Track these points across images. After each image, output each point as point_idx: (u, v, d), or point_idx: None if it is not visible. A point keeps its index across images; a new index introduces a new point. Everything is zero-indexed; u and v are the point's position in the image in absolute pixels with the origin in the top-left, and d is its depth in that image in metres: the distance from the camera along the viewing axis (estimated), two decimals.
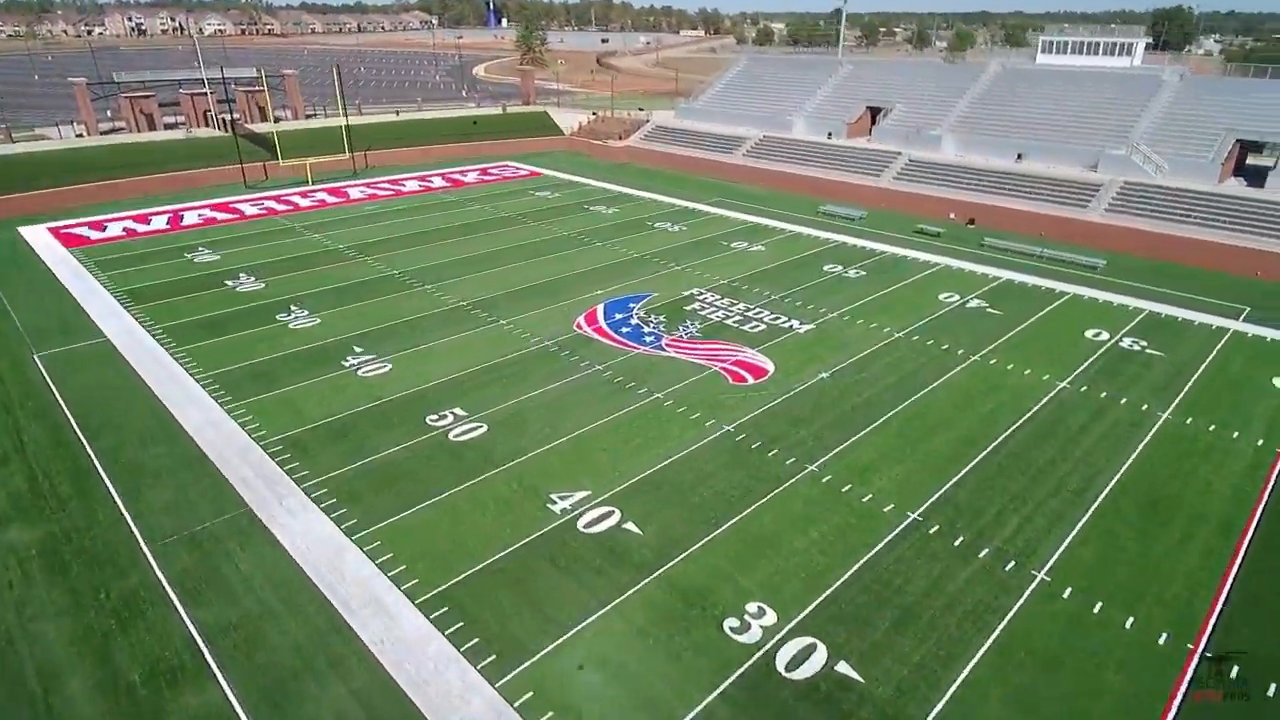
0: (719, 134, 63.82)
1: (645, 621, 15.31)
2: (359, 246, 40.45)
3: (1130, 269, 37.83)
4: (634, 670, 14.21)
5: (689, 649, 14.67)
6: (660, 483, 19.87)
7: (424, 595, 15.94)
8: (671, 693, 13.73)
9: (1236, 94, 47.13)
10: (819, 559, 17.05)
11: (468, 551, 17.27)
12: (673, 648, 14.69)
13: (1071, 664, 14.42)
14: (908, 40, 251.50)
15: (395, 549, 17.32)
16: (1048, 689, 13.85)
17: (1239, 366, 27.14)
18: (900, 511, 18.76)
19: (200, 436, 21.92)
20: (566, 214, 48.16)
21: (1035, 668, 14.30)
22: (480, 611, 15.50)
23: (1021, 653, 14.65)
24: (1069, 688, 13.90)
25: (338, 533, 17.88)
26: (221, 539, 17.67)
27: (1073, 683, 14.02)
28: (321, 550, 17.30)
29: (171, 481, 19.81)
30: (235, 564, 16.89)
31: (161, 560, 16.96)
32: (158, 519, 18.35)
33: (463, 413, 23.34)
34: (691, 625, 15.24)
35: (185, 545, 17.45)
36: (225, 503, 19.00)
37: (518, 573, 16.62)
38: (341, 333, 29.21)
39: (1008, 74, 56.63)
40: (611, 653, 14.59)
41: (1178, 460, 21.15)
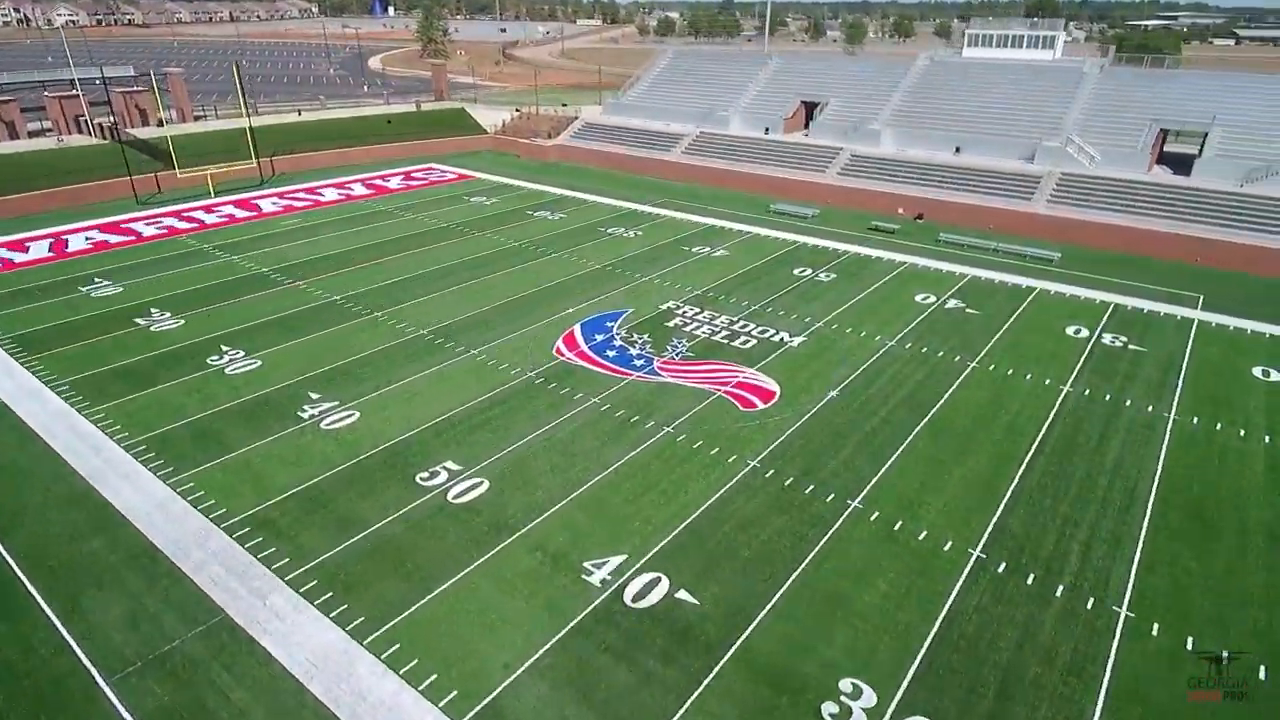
0: (653, 131, 61.98)
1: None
2: (286, 269, 36.21)
3: (1083, 260, 38.72)
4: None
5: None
6: (700, 537, 17.96)
7: (469, 713, 13.45)
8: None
9: (1155, 85, 49.37)
10: (898, 616, 15.63)
11: (507, 646, 14.84)
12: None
13: (1191, 716, 13.59)
14: (804, 31, 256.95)
15: (418, 652, 14.68)
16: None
17: (1216, 359, 27.80)
18: (960, 549, 17.63)
19: (144, 522, 18.28)
20: (510, 221, 45.14)
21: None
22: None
23: (1138, 709, 13.71)
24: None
25: (343, 637, 15.02)
26: (200, 661, 14.47)
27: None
28: (329, 663, 14.43)
29: (119, 588, 16.26)
30: (224, 694, 13.81)
31: (128, 699, 13.66)
32: (112, 641, 14.90)
33: (456, 466, 20.61)
34: (787, 719, 13.48)
35: (155, 674, 14.17)
36: (194, 610, 15.71)
37: (573, 670, 14.35)
38: (289, 376, 25.59)
39: (936, 67, 57.51)
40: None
41: (1201, 466, 21.08)
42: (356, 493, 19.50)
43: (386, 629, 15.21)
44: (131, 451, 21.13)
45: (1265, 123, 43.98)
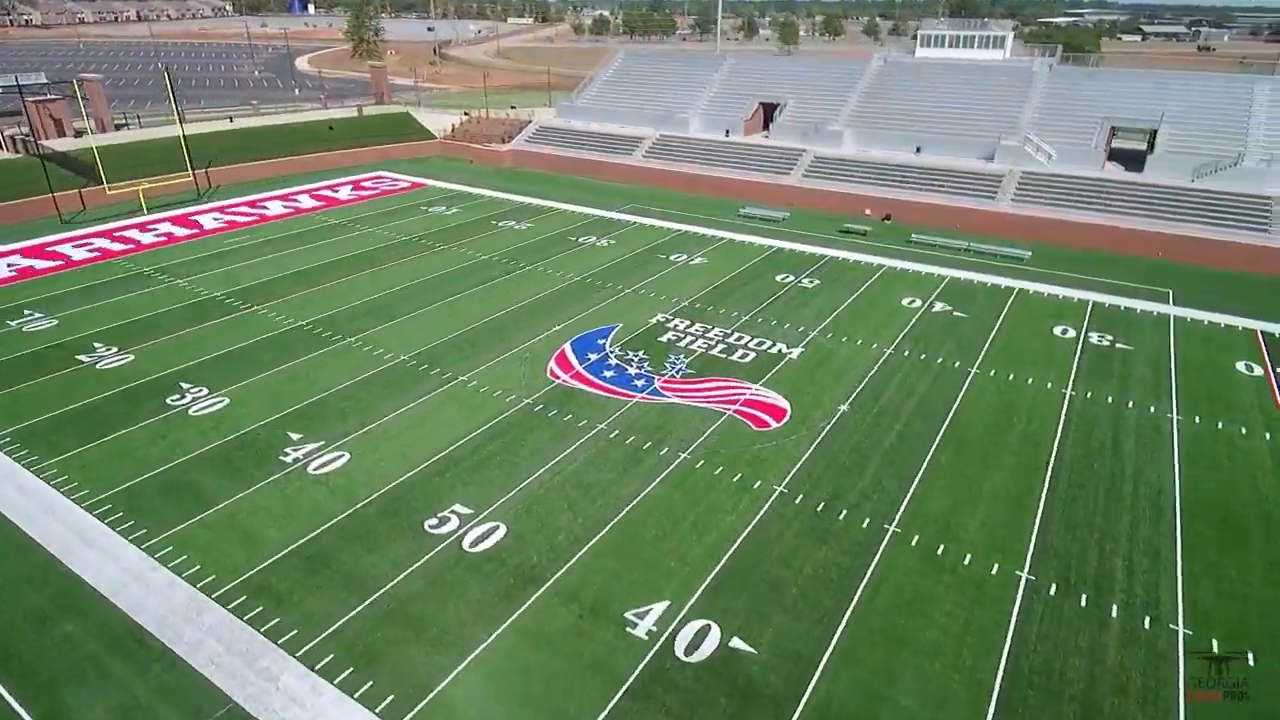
0: (611, 134, 60.75)
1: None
2: (241, 293, 33.60)
3: (1052, 258, 39.44)
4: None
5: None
6: (742, 575, 17.00)
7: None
8: None
9: (1104, 84, 50.89)
10: (963, 653, 15.00)
11: (562, 715, 13.55)
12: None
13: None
14: (737, 30, 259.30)
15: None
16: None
17: (1199, 356, 28.43)
18: (1008, 572, 17.17)
19: (123, 598, 16.18)
20: (476, 232, 43.25)
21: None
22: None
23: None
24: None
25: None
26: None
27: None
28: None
29: (105, 680, 14.25)
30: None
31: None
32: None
33: (467, 510, 19.09)
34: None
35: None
36: (197, 699, 13.87)
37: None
38: (264, 415, 23.46)
39: (890, 68, 58.06)
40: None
41: (1214, 468, 21.28)
42: (362, 546, 17.79)
43: (423, 707, 13.71)
44: (96, 513, 18.83)
45: (1210, 120, 45.78)
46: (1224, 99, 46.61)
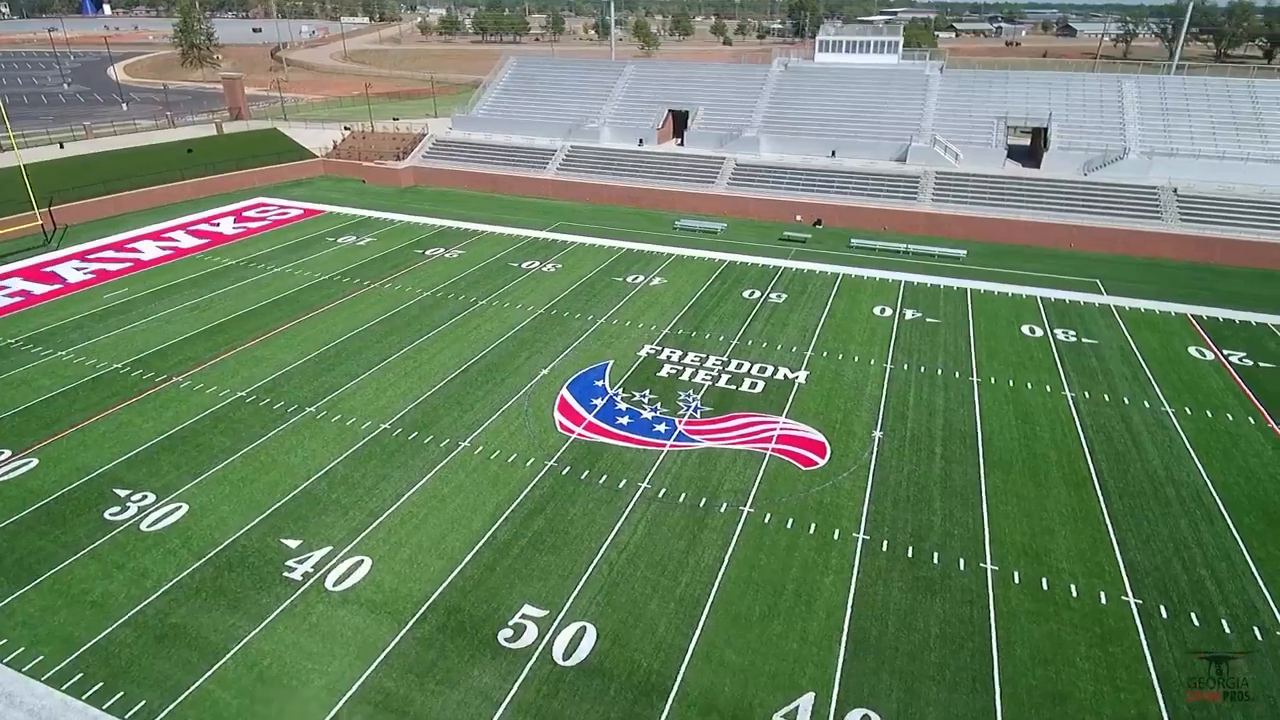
0: (518, 147, 57.63)
1: None
2: (145, 361, 28.18)
3: (984, 255, 41.40)
4: None
5: None
6: (873, 647, 15.70)
7: None
8: None
9: (991, 85, 54.26)
10: (1125, 701, 14.55)
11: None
12: None
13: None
14: (590, 30, 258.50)
15: None
16: None
17: (1157, 345, 30.48)
18: (1116, 599, 17.04)
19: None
20: (402, 265, 39.21)
21: None
22: None
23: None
24: None
25: None
26: None
27: None
28: None
29: None
30: None
31: None
32: None
33: (540, 612, 16.52)
34: None
35: None
36: None
37: None
38: (240, 521, 19.41)
39: (791, 74, 59.03)
40: None
41: (1227, 459, 22.53)
42: (434, 682, 14.82)
43: None
44: (65, 686, 14.52)
45: (1091, 117, 49.93)
46: (1100, 96, 51.05)
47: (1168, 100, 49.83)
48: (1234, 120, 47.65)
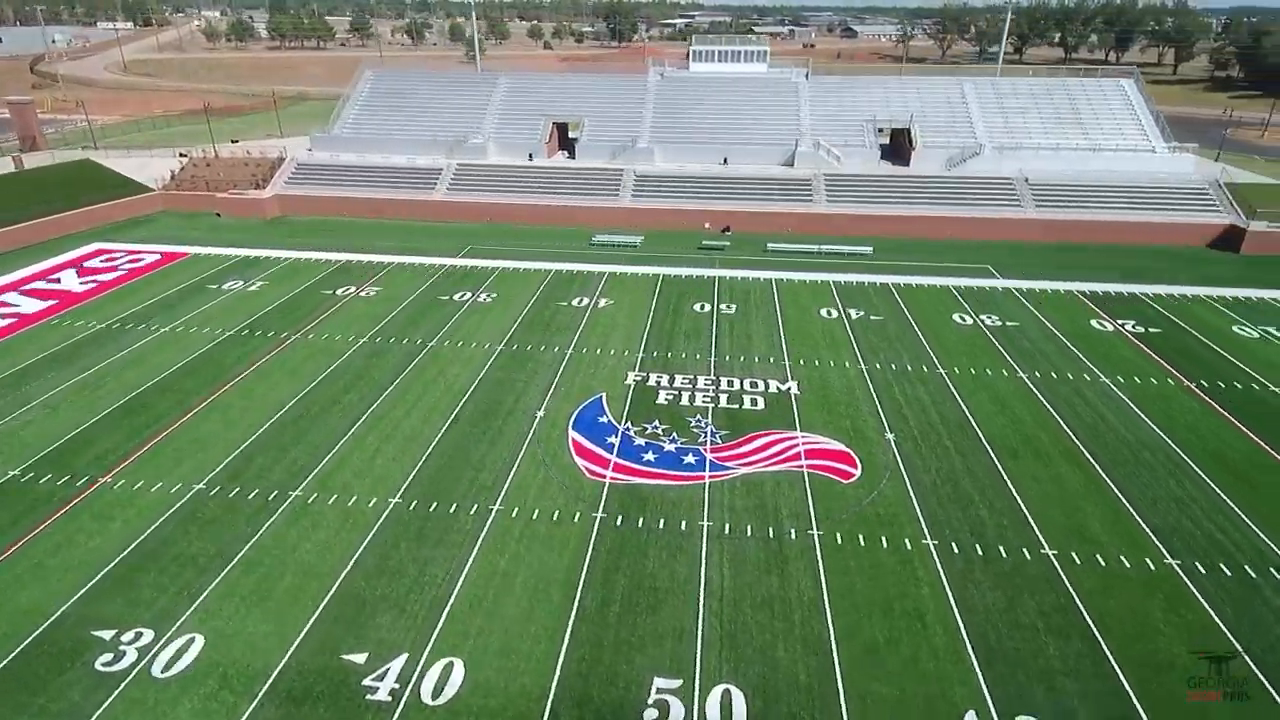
0: (398, 168, 53.69)
1: None
2: (54, 462, 23.05)
3: (888, 250, 44.56)
4: None
5: None
6: (1007, 660, 16.20)
7: None
8: None
9: (853, 90, 58.39)
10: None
11: None
12: None
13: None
14: (402, 33, 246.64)
15: None
16: None
17: (1067, 322, 34.35)
18: (1160, 564, 19.04)
19: None
20: (314, 310, 35.15)
21: None
22: None
23: None
24: None
25: None
26: None
27: None
28: None
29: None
30: None
31: None
32: None
33: (672, 682, 15.52)
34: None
35: None
36: None
37: None
38: (283, 643, 16.45)
39: (667, 83, 59.95)
40: None
41: (1170, 419, 25.86)
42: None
43: None
44: None
45: (946, 116, 55.28)
46: (947, 98, 56.67)
47: (1003, 100, 56.42)
48: (1057, 115, 54.94)
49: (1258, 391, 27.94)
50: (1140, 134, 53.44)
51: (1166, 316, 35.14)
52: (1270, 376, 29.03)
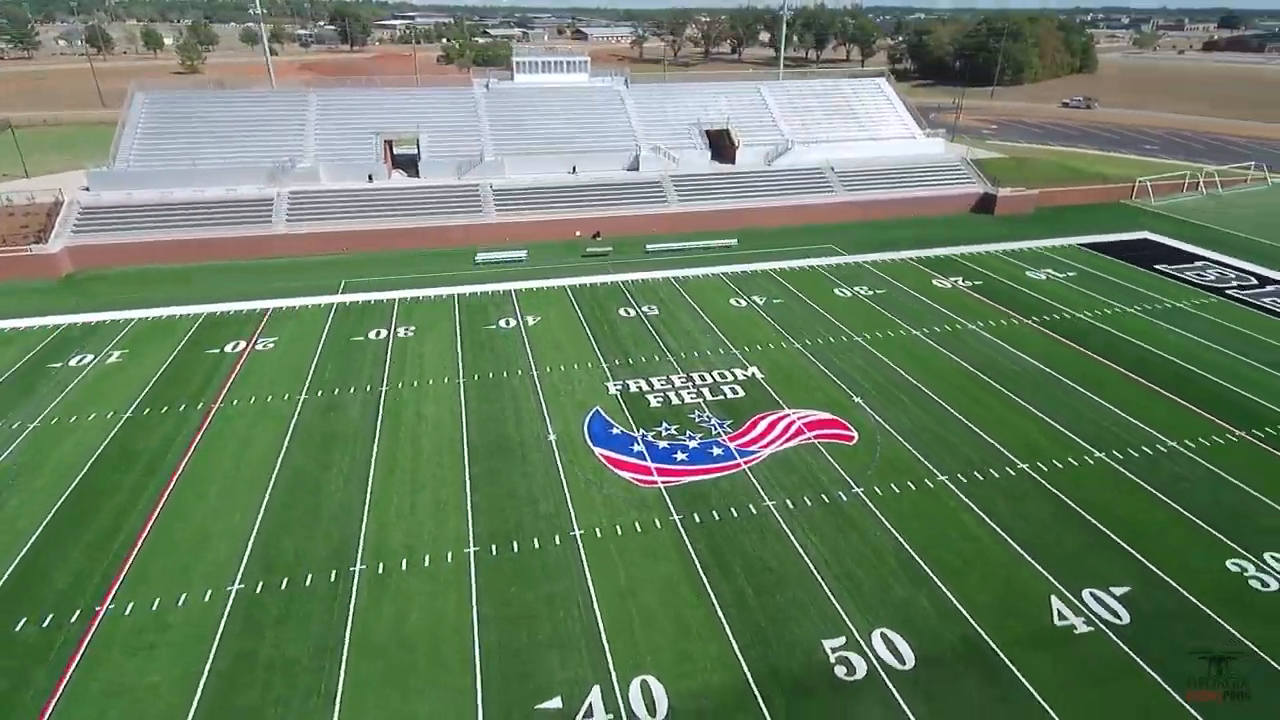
0: (217, 201, 47.33)
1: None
2: (20, 601, 18.65)
3: (748, 240, 49.49)
4: None
5: None
6: (1064, 567, 20.81)
7: None
8: None
9: (671, 95, 62.78)
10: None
11: None
12: None
13: None
14: (246, 41, 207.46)
15: None
16: None
17: (916, 283, 41.46)
18: (1101, 460, 25.10)
19: None
20: (214, 371, 30.85)
21: None
22: None
23: None
24: None
25: None
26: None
27: None
28: None
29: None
30: None
31: None
32: None
33: (837, 641, 17.72)
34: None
35: None
36: None
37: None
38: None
39: (497, 95, 59.57)
40: None
41: (1041, 350, 33.17)
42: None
43: None
44: None
45: (758, 116, 61.78)
46: (750, 100, 63.37)
47: (793, 100, 64.55)
48: (838, 111, 64.23)
49: (1067, 319, 36.59)
50: (901, 124, 64.53)
51: (978, 270, 43.94)
52: (1066, 305, 38.07)
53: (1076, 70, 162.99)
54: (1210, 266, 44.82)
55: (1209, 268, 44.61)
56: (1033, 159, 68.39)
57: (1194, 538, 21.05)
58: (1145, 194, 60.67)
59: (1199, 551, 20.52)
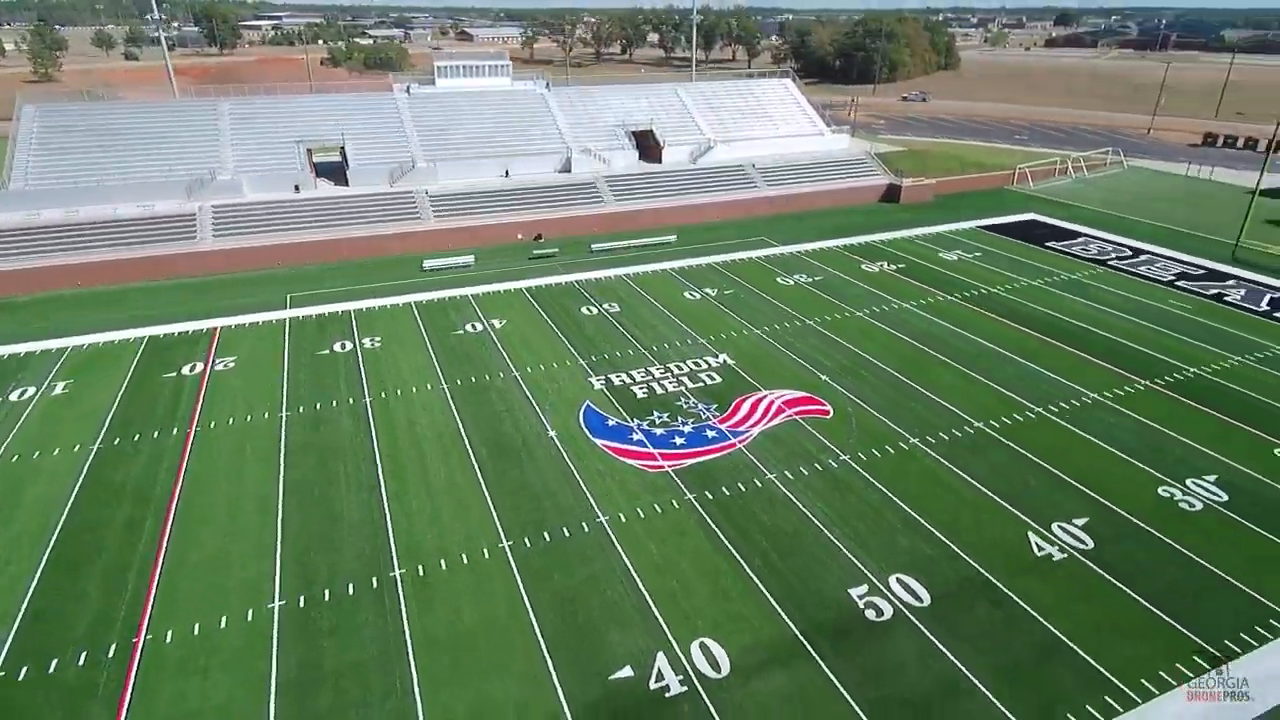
0: (133, 219, 44.56)
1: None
2: (38, 648, 17.73)
3: (687, 235, 51.54)
4: None
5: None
6: (1032, 507, 23.76)
7: None
8: None
9: (594, 97, 63.93)
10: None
11: None
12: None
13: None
14: (100, 45, 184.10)
15: None
16: None
17: (848, 269, 44.77)
18: (1045, 415, 28.59)
19: None
20: (175, 398, 29.62)
21: None
22: None
23: None
24: None
25: None
26: None
27: None
28: None
29: None
30: None
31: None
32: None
33: (860, 589, 19.84)
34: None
35: None
36: None
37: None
38: None
39: (419, 100, 58.78)
40: None
41: (964, 323, 36.85)
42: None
43: None
44: None
45: (679, 116, 63.88)
46: (668, 102, 65.48)
47: (709, 100, 67.25)
48: (750, 111, 67.49)
49: (985, 293, 40.69)
50: (809, 121, 68.58)
51: (898, 254, 47.87)
52: (981, 281, 42.26)
53: (943, 67, 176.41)
54: (1091, 241, 50.74)
55: (1090, 242, 50.49)
56: (926, 151, 74.36)
57: (1129, 471, 24.63)
58: (1025, 180, 67.35)
59: (1135, 483, 24.06)
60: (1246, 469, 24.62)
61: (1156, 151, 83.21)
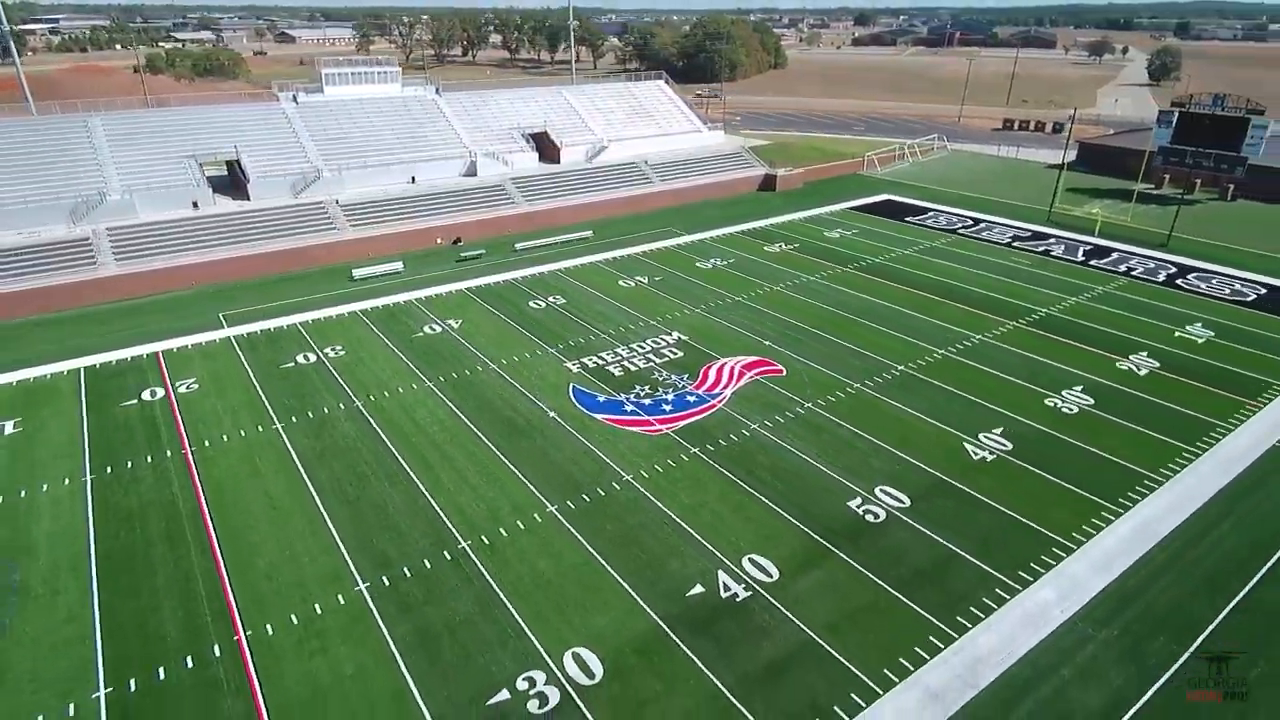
0: (14, 248, 41.01)
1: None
2: (127, 667, 18.10)
3: (602, 230, 54.66)
4: None
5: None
6: (968, 422, 29.31)
7: None
8: None
9: (473, 101, 65.09)
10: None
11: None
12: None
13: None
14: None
15: None
16: None
17: (750, 249, 50.00)
18: (946, 357, 34.74)
19: None
20: (158, 420, 28.97)
21: None
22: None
23: None
24: None
25: None
26: None
27: None
28: None
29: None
30: None
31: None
32: None
33: (862, 505, 24.34)
34: None
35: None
36: None
37: None
38: None
39: (306, 108, 57.32)
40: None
41: (881, 293, 43.00)
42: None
43: None
44: None
45: (570, 118, 66.56)
46: (555, 104, 68.08)
47: (594, 102, 70.56)
48: (633, 111, 71.56)
49: (873, 263, 47.27)
50: (687, 120, 73.81)
51: (791, 235, 53.86)
52: (865, 254, 48.94)
53: (774, 66, 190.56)
54: (939, 215, 59.47)
55: (939, 215, 59.20)
56: (790, 143, 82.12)
57: (1022, 390, 31.05)
58: (873, 165, 76.53)
59: (1029, 397, 30.48)
60: (1102, 379, 31.87)
61: (969, 136, 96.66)
